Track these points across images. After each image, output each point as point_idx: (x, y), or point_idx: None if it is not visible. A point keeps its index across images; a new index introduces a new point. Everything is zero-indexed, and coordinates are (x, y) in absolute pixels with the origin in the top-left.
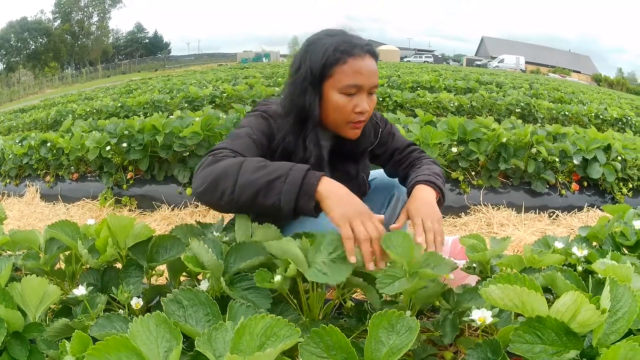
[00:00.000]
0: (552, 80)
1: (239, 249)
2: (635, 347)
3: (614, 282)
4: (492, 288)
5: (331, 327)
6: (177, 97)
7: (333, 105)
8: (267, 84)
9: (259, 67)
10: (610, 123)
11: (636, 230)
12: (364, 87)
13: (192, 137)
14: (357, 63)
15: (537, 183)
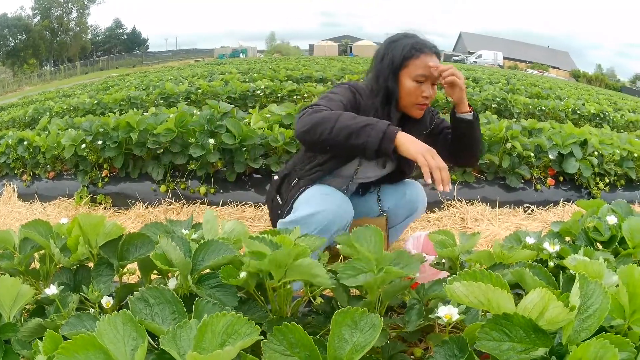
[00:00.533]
0: (530, 76)
1: (207, 247)
2: (606, 345)
3: (584, 279)
4: (456, 285)
5: (293, 325)
6: (153, 93)
7: (407, 89)
8: (243, 80)
9: (235, 63)
10: (587, 118)
11: (610, 225)
12: (430, 78)
13: (166, 133)
14: (426, 58)
15: (512, 178)
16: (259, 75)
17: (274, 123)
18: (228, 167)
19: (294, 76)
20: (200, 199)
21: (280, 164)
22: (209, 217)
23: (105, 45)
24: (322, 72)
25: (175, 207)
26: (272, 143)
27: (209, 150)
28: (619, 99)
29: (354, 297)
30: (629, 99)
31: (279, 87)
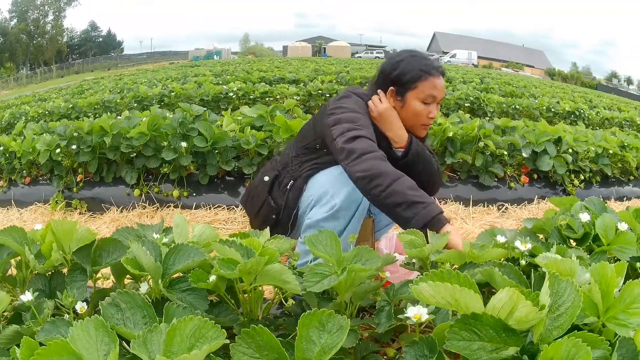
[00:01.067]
0: (505, 75)
1: (177, 251)
2: (578, 344)
3: (555, 277)
4: (422, 286)
5: (261, 328)
6: (127, 97)
7: (414, 110)
8: (216, 82)
9: (209, 65)
10: (562, 116)
11: (583, 223)
12: (436, 99)
13: (139, 137)
14: (435, 80)
15: (485, 176)
16: (232, 77)
17: (246, 125)
18: (201, 170)
19: (266, 78)
20: (174, 202)
21: (252, 166)
22: (178, 221)
23: (81, 48)
24: (295, 74)
25: (150, 211)
26: (244, 145)
27: (182, 153)
28: (595, 97)
29: (325, 299)
30: (605, 97)
31: (251, 89)
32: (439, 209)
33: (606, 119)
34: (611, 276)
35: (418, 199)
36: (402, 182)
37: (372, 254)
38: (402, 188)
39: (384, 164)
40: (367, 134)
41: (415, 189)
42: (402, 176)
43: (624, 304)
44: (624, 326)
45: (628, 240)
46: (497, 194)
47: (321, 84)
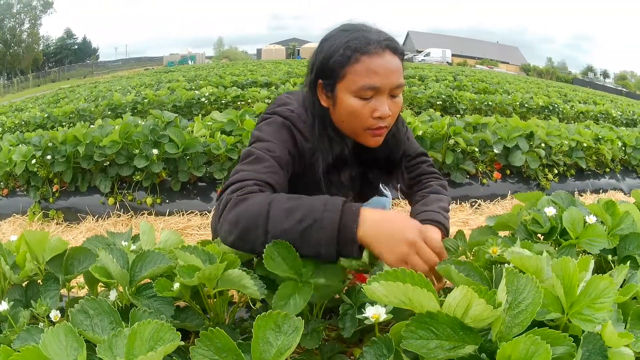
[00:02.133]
0: (479, 72)
1: (144, 258)
2: (536, 341)
3: (513, 274)
4: (375, 285)
5: (218, 330)
6: (101, 105)
7: (347, 110)
8: (189, 88)
9: (183, 70)
10: (536, 111)
11: (549, 217)
12: (382, 89)
13: (111, 145)
14: (373, 61)
15: (457, 174)
16: (204, 82)
17: (216, 130)
18: (173, 177)
19: (239, 82)
20: (147, 210)
21: (223, 171)
22: (145, 228)
23: (57, 56)
24: (267, 77)
25: (124, 219)
26: (214, 151)
27: (153, 160)
28: (570, 91)
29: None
30: (581, 90)
31: (223, 93)
32: (338, 204)
33: (581, 112)
34: (573, 271)
35: (304, 223)
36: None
37: (335, 270)
38: (279, 226)
39: (244, 206)
40: (253, 175)
41: (290, 211)
42: (270, 204)
43: (589, 298)
44: (589, 321)
45: (597, 233)
46: (470, 190)
47: (293, 87)
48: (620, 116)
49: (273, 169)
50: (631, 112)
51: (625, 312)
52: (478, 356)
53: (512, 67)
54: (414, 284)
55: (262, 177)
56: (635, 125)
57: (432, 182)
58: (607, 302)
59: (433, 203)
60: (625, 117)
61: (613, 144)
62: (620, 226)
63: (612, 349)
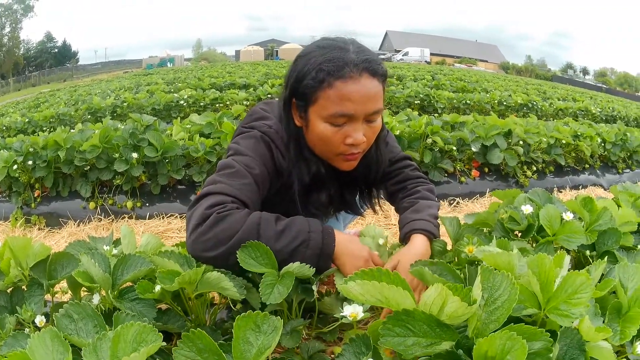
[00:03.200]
0: (457, 71)
1: (125, 262)
2: (512, 337)
3: (487, 271)
4: (351, 285)
5: (200, 331)
6: (81, 109)
7: (318, 135)
8: (168, 90)
9: (162, 73)
10: (514, 109)
11: (526, 214)
12: (356, 116)
13: (92, 150)
14: (347, 87)
15: (435, 172)
16: (183, 85)
17: (195, 133)
18: (152, 180)
19: (217, 84)
20: (128, 214)
21: (202, 173)
22: (125, 232)
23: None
24: (246, 79)
25: (105, 223)
26: (193, 153)
27: (133, 164)
28: (549, 88)
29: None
30: (560, 87)
31: (202, 96)
32: (318, 227)
33: (560, 109)
34: (549, 267)
35: (293, 243)
36: (264, 238)
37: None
38: (270, 246)
39: (229, 225)
40: (229, 190)
41: (280, 233)
42: (258, 227)
43: (566, 294)
44: (566, 317)
45: (574, 229)
46: (448, 189)
47: (271, 88)
48: (600, 112)
49: (250, 187)
50: (611, 109)
51: (603, 307)
52: (455, 352)
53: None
54: (390, 282)
55: (238, 194)
56: (615, 122)
57: (419, 187)
58: (584, 298)
59: (423, 210)
60: (604, 114)
61: (592, 140)
62: (599, 222)
63: (590, 342)
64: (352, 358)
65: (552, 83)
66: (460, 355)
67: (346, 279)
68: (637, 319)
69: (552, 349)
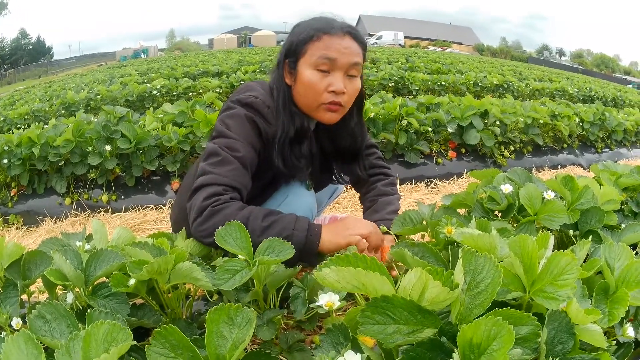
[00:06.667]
0: (432, 53)
1: (97, 257)
2: (498, 322)
3: (470, 254)
4: (326, 271)
5: (171, 327)
6: (55, 104)
7: (305, 83)
8: (141, 81)
9: (136, 64)
10: (490, 90)
11: (505, 194)
12: (337, 63)
13: (65, 145)
14: (332, 40)
15: (411, 154)
16: (156, 75)
17: (168, 122)
18: (127, 172)
19: (190, 73)
20: (104, 207)
21: (176, 163)
22: (97, 226)
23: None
24: (219, 66)
25: (82, 219)
26: (166, 143)
27: (106, 157)
28: (525, 69)
29: (243, 290)
30: (536, 69)
31: (174, 85)
32: (304, 223)
33: (536, 90)
34: (532, 248)
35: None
36: (252, 230)
37: (284, 246)
38: (256, 239)
39: (222, 218)
40: (220, 179)
41: (266, 228)
42: (248, 219)
43: (551, 276)
44: (553, 299)
45: (556, 208)
46: (425, 170)
47: (244, 75)
48: (577, 93)
49: (238, 171)
50: (588, 89)
51: (590, 288)
52: (438, 340)
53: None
54: (367, 268)
55: (229, 181)
56: (592, 102)
57: (378, 182)
58: (570, 279)
59: (383, 209)
60: (582, 94)
61: (570, 120)
62: (580, 201)
63: (578, 325)
64: (330, 349)
65: (527, 64)
66: (443, 343)
67: (321, 265)
68: (625, 300)
69: (540, 334)
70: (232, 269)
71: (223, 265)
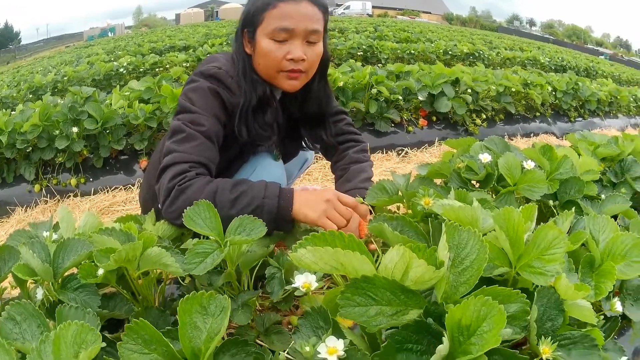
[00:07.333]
0: (400, 22)
1: (64, 247)
2: (487, 302)
3: (454, 228)
4: (302, 252)
5: (142, 321)
6: (23, 89)
7: (263, 52)
8: (108, 60)
9: (103, 43)
10: (460, 58)
11: (484, 163)
12: (296, 32)
13: (32, 130)
14: (288, 6)
15: (381, 123)
16: (123, 53)
17: (134, 100)
18: (94, 154)
19: (157, 48)
20: (73, 191)
21: (144, 141)
22: (62, 214)
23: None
24: (185, 41)
25: (52, 205)
26: (133, 121)
27: (74, 139)
28: (495, 39)
29: (215, 272)
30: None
31: (141, 62)
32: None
33: (507, 59)
34: (518, 221)
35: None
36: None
37: (257, 222)
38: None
39: (189, 195)
40: (185, 157)
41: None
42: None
43: (538, 250)
44: (541, 274)
45: (536, 178)
46: (396, 139)
47: (210, 48)
48: (549, 62)
49: (203, 146)
50: (560, 59)
51: (576, 261)
52: (424, 321)
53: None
54: (345, 247)
55: (194, 158)
56: (564, 72)
57: (349, 150)
58: (558, 253)
59: (355, 177)
60: (554, 64)
61: (543, 88)
62: (559, 170)
63: (567, 301)
64: (310, 334)
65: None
66: (430, 325)
67: (296, 245)
68: (612, 274)
69: (529, 311)
70: (202, 251)
71: (193, 248)
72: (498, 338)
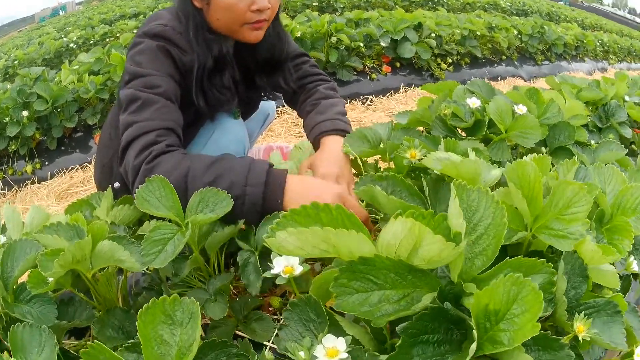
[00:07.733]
0: None
1: (12, 252)
2: (518, 280)
3: (463, 188)
4: (282, 236)
5: (98, 344)
6: None
7: (222, 5)
8: (57, 37)
9: (54, 22)
10: (419, 4)
11: (472, 109)
12: None
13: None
14: None
15: (343, 71)
16: (73, 28)
17: (84, 73)
18: (47, 136)
19: (107, 19)
20: (29, 179)
21: (96, 114)
22: (8, 213)
23: None
24: (136, 7)
25: (10, 196)
26: (84, 95)
27: (24, 124)
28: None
29: (179, 259)
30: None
31: (91, 34)
32: (261, 175)
33: (467, 3)
34: (534, 176)
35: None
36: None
37: (221, 195)
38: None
39: (163, 168)
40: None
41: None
42: (187, 174)
43: (556, 209)
44: (563, 237)
45: (529, 124)
46: (359, 87)
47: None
48: (510, 7)
49: (164, 108)
50: (522, 3)
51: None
52: (442, 307)
53: None
54: (333, 221)
55: (159, 124)
56: (526, 16)
57: (318, 86)
58: (581, 212)
59: (328, 110)
60: (515, 8)
61: (508, 32)
62: (546, 115)
63: (591, 266)
64: (299, 328)
65: None
66: (448, 310)
67: (273, 227)
68: (628, 230)
69: (557, 282)
70: (160, 238)
71: (150, 235)
72: (536, 325)
